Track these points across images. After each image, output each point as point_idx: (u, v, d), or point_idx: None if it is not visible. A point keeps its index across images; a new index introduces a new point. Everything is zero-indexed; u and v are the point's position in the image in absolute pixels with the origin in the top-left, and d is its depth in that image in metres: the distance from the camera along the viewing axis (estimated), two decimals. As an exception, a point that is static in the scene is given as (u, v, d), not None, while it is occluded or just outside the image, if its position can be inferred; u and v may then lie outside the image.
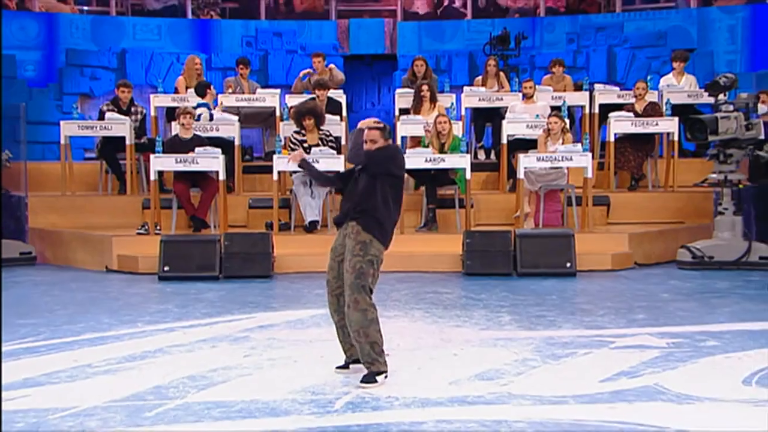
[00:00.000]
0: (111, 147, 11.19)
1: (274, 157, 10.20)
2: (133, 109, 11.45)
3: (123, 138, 10.95)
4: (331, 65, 12.67)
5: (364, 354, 5.32)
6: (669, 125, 11.08)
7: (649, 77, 11.97)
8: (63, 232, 10.72)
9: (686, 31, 14.51)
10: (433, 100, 11.35)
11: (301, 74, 12.56)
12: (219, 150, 10.13)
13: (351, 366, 5.58)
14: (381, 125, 5.59)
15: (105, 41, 14.91)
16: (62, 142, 11.14)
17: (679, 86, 11.97)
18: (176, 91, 12.16)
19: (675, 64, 12.18)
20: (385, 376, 5.33)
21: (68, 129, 11.12)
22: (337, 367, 5.62)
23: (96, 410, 4.91)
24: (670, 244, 10.09)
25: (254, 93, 12.16)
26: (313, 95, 11.46)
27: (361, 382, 5.29)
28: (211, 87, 11.46)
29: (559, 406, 4.95)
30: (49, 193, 11.49)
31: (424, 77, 12.05)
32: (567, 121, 10.72)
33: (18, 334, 6.71)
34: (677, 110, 11.29)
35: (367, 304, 5.32)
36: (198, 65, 12.27)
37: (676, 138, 11.13)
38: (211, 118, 11.08)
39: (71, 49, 14.64)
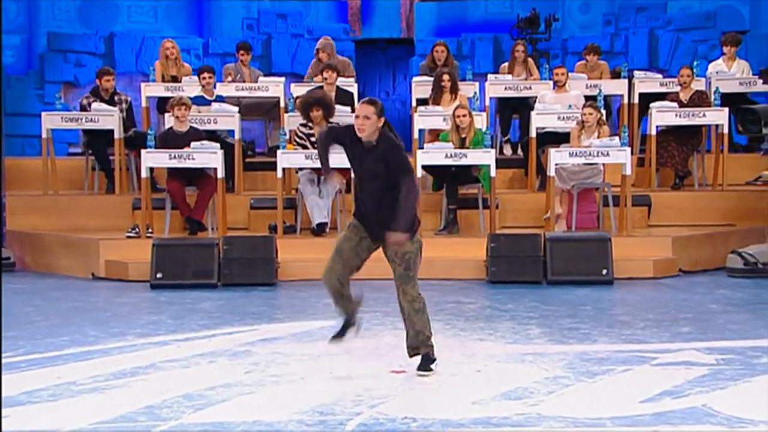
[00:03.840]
0: (101, 141, 11.22)
1: (278, 152, 10.23)
2: (116, 98, 11.47)
3: (111, 131, 11.00)
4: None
5: (410, 338, 5.98)
6: (718, 116, 11.05)
7: (695, 63, 11.92)
8: (45, 235, 10.77)
9: (737, 11, 14.46)
10: (455, 89, 11.36)
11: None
12: (217, 145, 10.16)
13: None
14: (374, 100, 5.92)
15: (92, 23, 14.97)
16: (44, 135, 11.20)
17: (730, 73, 11.93)
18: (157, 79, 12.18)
19: (725, 49, 12.14)
20: (436, 364, 5.94)
21: (50, 121, 11.18)
22: (332, 337, 6.11)
23: (82, 432, 4.94)
24: (719, 249, 10.06)
25: (256, 81, 12.19)
26: (320, 82, 11.44)
27: (418, 370, 5.91)
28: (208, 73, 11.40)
29: (595, 429, 4.94)
30: (30, 192, 11.55)
31: (444, 64, 12.05)
32: (603, 112, 10.70)
33: (-5, 347, 6.75)
34: (727, 100, 11.26)
35: (414, 295, 5.91)
36: (169, 50, 12.20)
37: (725, 130, 11.09)
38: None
39: (53, 33, 14.71)
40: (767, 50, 13.89)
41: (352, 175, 6.11)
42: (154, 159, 10.09)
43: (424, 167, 10.27)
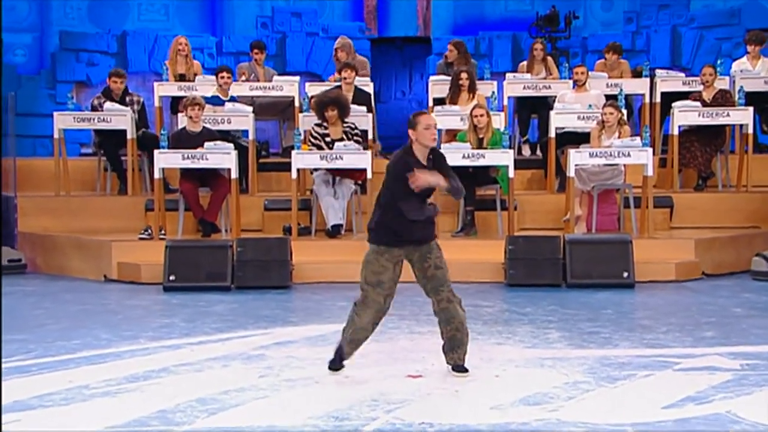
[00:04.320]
0: (113, 142, 11.25)
1: (293, 153, 10.24)
2: (128, 98, 11.50)
3: (123, 131, 11.03)
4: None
5: (465, 345, 6.08)
6: (742, 116, 10.99)
7: (719, 61, 11.88)
8: (56, 236, 10.82)
9: (763, 8, 14.39)
10: (472, 88, 11.35)
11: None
12: (231, 145, 10.18)
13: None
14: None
15: (104, 22, 15.03)
16: (56, 135, 11.25)
17: (755, 71, 11.87)
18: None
19: (749, 47, 12.08)
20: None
21: (62, 121, 11.22)
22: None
23: (94, 436, 4.96)
24: (743, 252, 10.01)
25: (270, 81, 12.21)
26: (338, 82, 11.44)
27: (456, 370, 6.02)
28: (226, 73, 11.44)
29: (616, 435, 4.93)
30: (41, 193, 11.60)
31: (455, 64, 12.04)
32: (624, 111, 10.67)
33: (6, 351, 6.75)
34: (752, 99, 11.21)
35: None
36: (182, 46, 12.23)
37: (750, 130, 11.04)
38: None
39: (66, 32, 14.78)
40: (793, 48, 13.80)
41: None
42: (167, 159, 10.12)
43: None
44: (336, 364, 6.08)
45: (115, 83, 11.43)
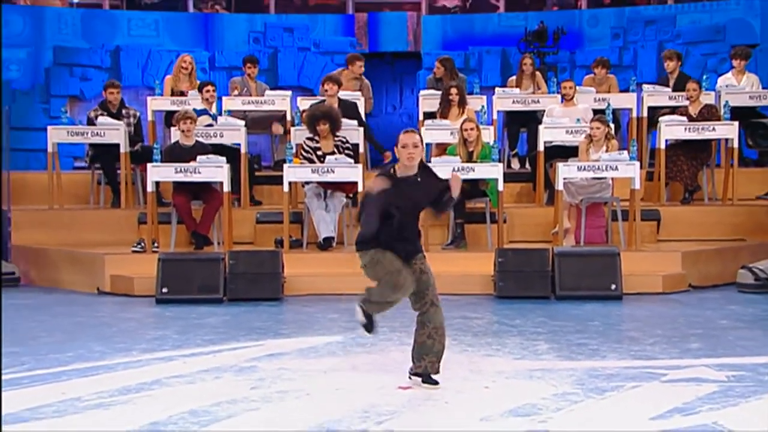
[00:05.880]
0: (107, 156, 11.25)
1: (285, 166, 10.25)
2: (124, 111, 11.52)
3: (117, 145, 11.03)
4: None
5: (436, 354, 6.02)
6: (727, 130, 11.03)
7: (705, 77, 11.94)
8: (50, 250, 10.80)
9: (748, 24, 14.46)
10: (462, 103, 11.38)
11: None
12: (224, 159, 10.19)
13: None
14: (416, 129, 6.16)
15: (97, 38, 15.04)
16: (49, 149, 11.22)
17: (740, 87, 11.93)
18: (164, 93, 12.23)
19: (735, 62, 12.15)
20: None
21: (56, 135, 11.21)
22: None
23: (86, 448, 4.95)
24: (729, 265, 10.04)
25: (262, 95, 12.23)
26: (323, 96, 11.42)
27: (425, 382, 5.97)
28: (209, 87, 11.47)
29: (604, 446, 4.94)
30: (35, 206, 11.58)
31: (446, 80, 12.06)
32: (612, 126, 10.70)
33: None
34: (737, 114, 11.26)
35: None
36: (186, 64, 12.29)
37: (735, 145, 11.08)
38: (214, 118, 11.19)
39: (59, 47, 14.79)
40: (776, 64, 13.89)
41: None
42: (160, 173, 10.12)
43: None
44: (369, 324, 6.11)
45: (111, 94, 11.45)
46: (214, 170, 10.04)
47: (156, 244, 10.23)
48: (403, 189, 5.88)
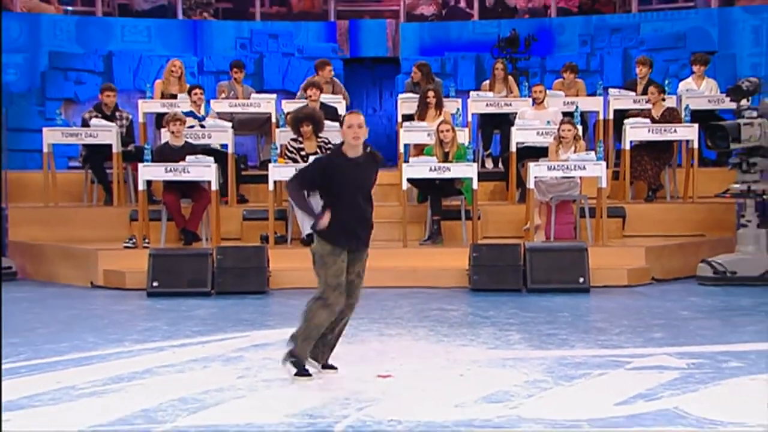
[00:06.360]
0: (98, 156, 11.21)
1: (270, 165, 10.23)
2: (118, 114, 11.48)
3: (109, 146, 10.98)
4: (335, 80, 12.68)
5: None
6: (688, 132, 11.09)
7: (666, 81, 11.99)
8: (45, 245, 10.73)
9: (707, 32, 14.53)
10: (439, 106, 11.38)
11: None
12: (212, 159, 10.15)
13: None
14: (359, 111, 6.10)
15: (91, 43, 14.95)
16: (45, 150, 11.17)
17: (699, 91, 11.99)
18: (155, 96, 12.17)
19: (695, 68, 12.21)
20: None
21: (51, 136, 11.15)
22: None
23: (80, 435, 4.92)
24: (690, 259, 10.09)
25: (249, 98, 12.19)
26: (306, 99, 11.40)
27: (325, 368, 6.02)
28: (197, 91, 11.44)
29: (572, 430, 4.95)
30: (31, 204, 11.51)
31: (423, 83, 12.06)
32: (580, 127, 10.74)
33: (-3, 354, 6.71)
34: (697, 116, 11.31)
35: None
36: (175, 68, 12.24)
37: (695, 146, 11.13)
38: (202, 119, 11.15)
39: (55, 52, 14.68)
40: (733, 69, 13.96)
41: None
42: (150, 172, 10.08)
43: (410, 180, 10.29)
44: (303, 371, 5.90)
45: (108, 97, 11.41)
46: (202, 169, 10.00)
47: (147, 240, 10.19)
48: (345, 164, 5.82)
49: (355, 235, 5.88)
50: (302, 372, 5.92)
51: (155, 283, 9.28)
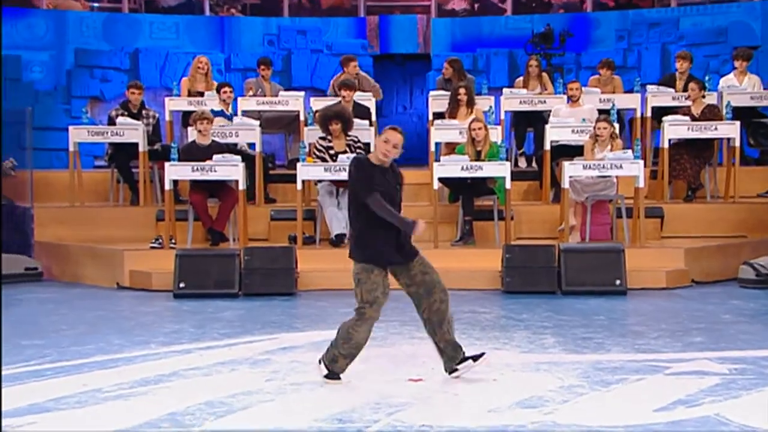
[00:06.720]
0: (124, 155, 11.29)
1: (298, 165, 10.25)
2: (144, 112, 11.55)
3: (135, 144, 11.05)
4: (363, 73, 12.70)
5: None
6: (729, 130, 10.99)
7: (707, 78, 11.89)
8: (71, 246, 10.82)
9: (749, 26, 14.40)
10: (471, 103, 11.35)
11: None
12: (239, 158, 10.19)
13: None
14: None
15: (117, 40, 15.07)
16: (71, 149, 11.25)
17: (741, 87, 11.88)
18: (181, 94, 12.25)
19: (736, 63, 12.09)
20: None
21: (77, 135, 11.23)
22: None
23: (106, 438, 4.95)
24: (731, 261, 9.99)
25: (276, 96, 12.23)
26: (339, 97, 11.48)
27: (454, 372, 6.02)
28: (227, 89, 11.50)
29: (609, 437, 4.92)
30: (57, 204, 11.61)
31: (455, 80, 12.04)
32: (616, 125, 10.67)
33: (22, 356, 6.77)
34: (739, 113, 11.20)
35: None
36: (202, 65, 12.30)
37: (737, 144, 11.04)
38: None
39: (81, 49, 14.81)
40: (777, 65, 13.82)
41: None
42: (177, 171, 10.13)
43: (441, 179, 10.27)
44: (333, 377, 5.97)
45: (133, 94, 11.48)
46: (229, 169, 10.04)
47: (173, 241, 10.24)
48: (381, 176, 5.83)
49: (394, 248, 5.88)
50: (332, 375, 5.94)
51: (182, 284, 9.33)
